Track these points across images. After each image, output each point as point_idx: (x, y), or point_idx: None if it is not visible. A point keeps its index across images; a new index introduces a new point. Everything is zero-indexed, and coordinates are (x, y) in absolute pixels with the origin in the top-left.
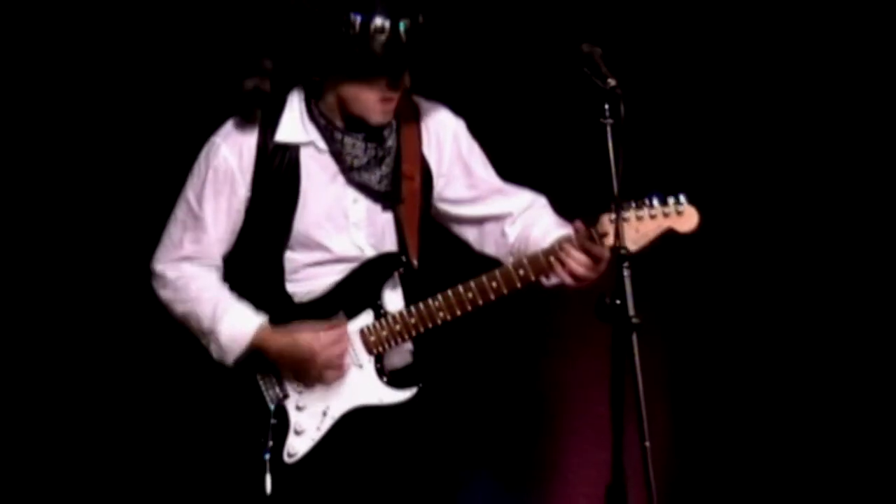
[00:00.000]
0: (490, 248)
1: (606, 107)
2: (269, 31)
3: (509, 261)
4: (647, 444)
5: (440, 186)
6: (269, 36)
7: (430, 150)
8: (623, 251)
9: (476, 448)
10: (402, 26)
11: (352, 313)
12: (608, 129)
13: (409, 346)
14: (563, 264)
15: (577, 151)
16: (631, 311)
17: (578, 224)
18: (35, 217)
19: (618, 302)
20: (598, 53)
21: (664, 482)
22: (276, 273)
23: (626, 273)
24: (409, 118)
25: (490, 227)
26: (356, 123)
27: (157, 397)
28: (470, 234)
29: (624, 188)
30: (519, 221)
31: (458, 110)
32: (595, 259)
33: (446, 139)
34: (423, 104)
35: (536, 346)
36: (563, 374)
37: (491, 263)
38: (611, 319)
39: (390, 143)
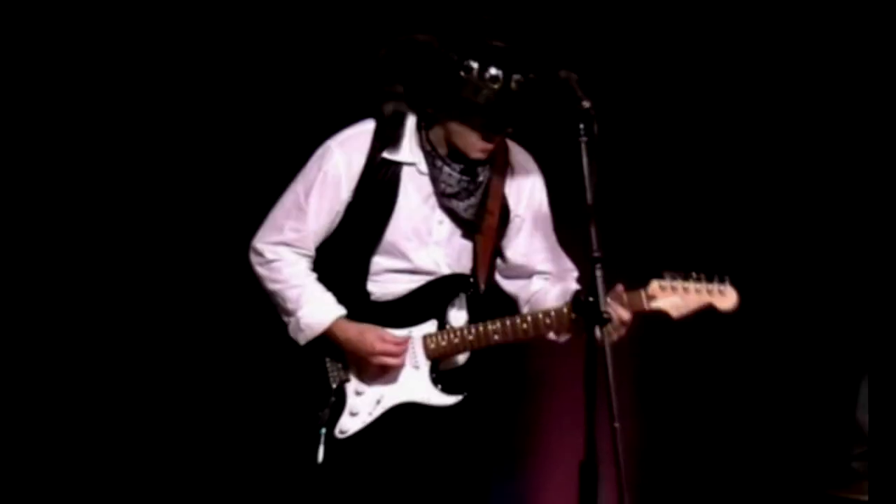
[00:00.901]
0: (511, 288)
1: (581, 126)
2: (399, 61)
3: (557, 305)
4: (617, 425)
5: (511, 229)
6: (398, 65)
7: (510, 192)
8: (596, 255)
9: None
10: (513, 79)
11: (419, 320)
12: (583, 145)
13: (463, 358)
14: None
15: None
16: (602, 307)
17: (621, 288)
18: (61, 217)
19: (591, 299)
20: (573, 79)
21: (632, 459)
22: (361, 272)
23: (598, 274)
24: (501, 160)
25: (524, 273)
26: (457, 155)
27: (231, 366)
28: (508, 278)
29: (669, 263)
30: (549, 281)
31: None
32: (623, 321)
33: (526, 188)
34: (515, 149)
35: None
36: (544, 364)
37: None
38: (584, 314)
39: (482, 178)
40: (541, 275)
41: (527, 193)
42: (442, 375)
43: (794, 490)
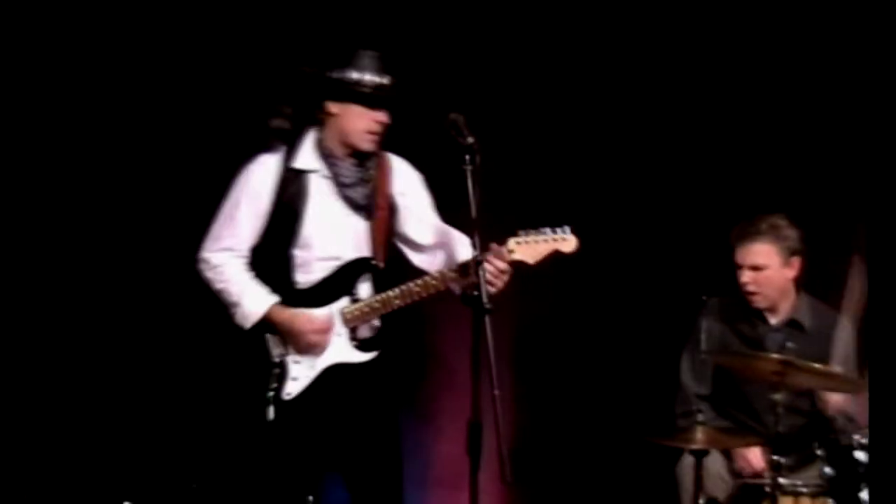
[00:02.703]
0: (421, 264)
1: (467, 157)
2: (289, 87)
3: (443, 268)
4: (497, 392)
5: (402, 217)
6: (288, 90)
7: (396, 186)
8: (480, 259)
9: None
10: (385, 79)
11: (335, 298)
12: (468, 173)
13: (375, 322)
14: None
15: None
16: (484, 300)
17: (493, 245)
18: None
19: (476, 293)
20: (461, 120)
21: (509, 419)
22: (287, 265)
23: (481, 274)
24: (384, 164)
25: (427, 250)
26: (350, 152)
27: (189, 352)
28: (412, 253)
29: (520, 219)
30: (446, 249)
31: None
32: (500, 269)
33: (408, 183)
34: (395, 158)
35: (423, 325)
36: (440, 343)
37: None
38: (471, 305)
39: (371, 171)
40: (435, 248)
41: (409, 187)
42: (359, 340)
43: (624, 440)
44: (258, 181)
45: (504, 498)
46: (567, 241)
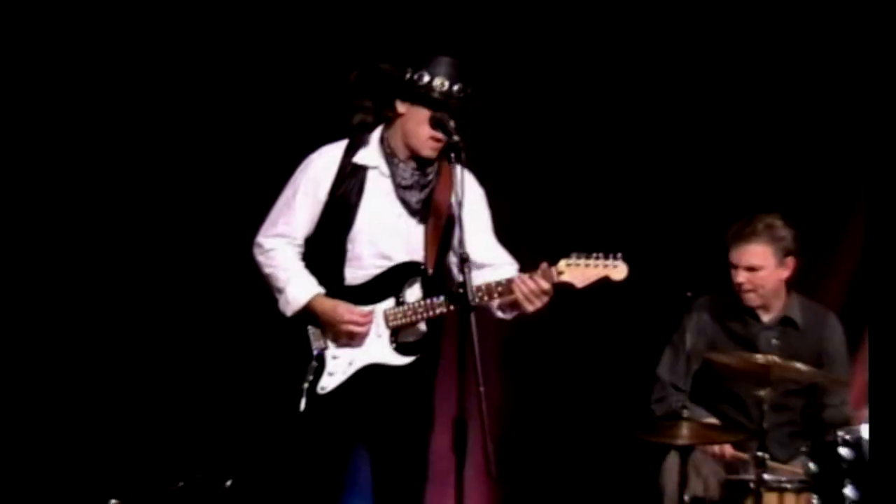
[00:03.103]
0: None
1: (452, 155)
2: (367, 82)
3: (489, 281)
4: (482, 389)
5: (457, 229)
6: (366, 85)
7: (456, 199)
8: (464, 255)
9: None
10: (455, 86)
11: (381, 298)
12: (455, 169)
13: (421, 327)
14: (522, 285)
15: None
16: (469, 297)
17: (543, 264)
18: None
19: (461, 291)
20: (446, 118)
21: (494, 415)
22: (338, 260)
23: (467, 271)
24: (447, 169)
25: (475, 267)
26: (412, 156)
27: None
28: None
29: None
30: (493, 270)
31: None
32: (543, 289)
33: (468, 194)
34: (461, 169)
35: None
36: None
37: None
38: (457, 302)
39: (431, 176)
40: (485, 266)
41: (469, 200)
42: (400, 342)
43: (610, 434)
44: (318, 171)
45: (490, 494)
46: (618, 269)
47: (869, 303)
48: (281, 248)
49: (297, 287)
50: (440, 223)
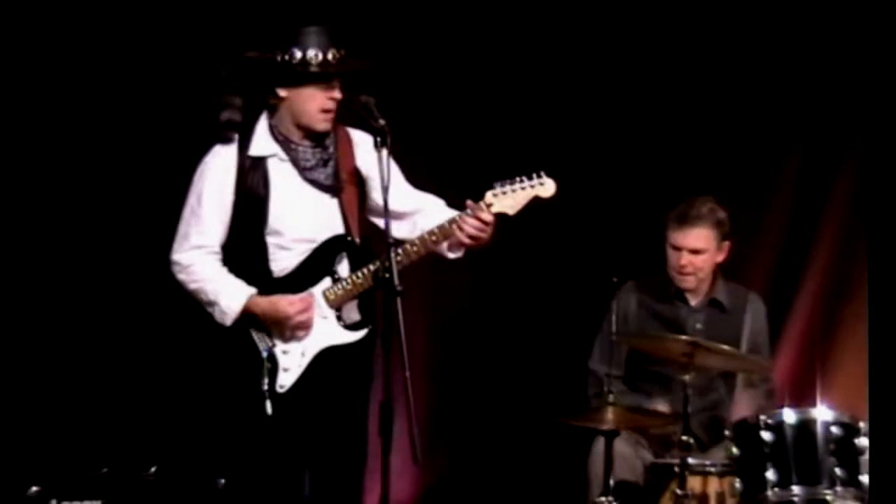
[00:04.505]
0: (399, 234)
1: (377, 139)
2: (237, 76)
3: (423, 232)
4: (408, 374)
5: (371, 189)
6: (238, 79)
7: (360, 161)
8: (391, 241)
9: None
10: (329, 52)
11: (315, 281)
12: (379, 153)
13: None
14: (461, 229)
15: None
16: (396, 282)
17: (469, 202)
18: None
19: (387, 276)
20: (371, 102)
21: (419, 400)
22: (261, 255)
23: (393, 256)
24: (342, 136)
25: (404, 218)
26: (306, 134)
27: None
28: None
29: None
30: (423, 215)
31: None
32: (484, 222)
33: (372, 154)
34: (353, 130)
35: None
36: None
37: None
38: (383, 287)
39: (331, 149)
40: (414, 214)
41: (373, 158)
42: (346, 320)
43: (537, 420)
44: (217, 173)
45: (415, 479)
46: (545, 186)
47: (869, 302)
48: (199, 260)
49: (229, 295)
50: (354, 190)
